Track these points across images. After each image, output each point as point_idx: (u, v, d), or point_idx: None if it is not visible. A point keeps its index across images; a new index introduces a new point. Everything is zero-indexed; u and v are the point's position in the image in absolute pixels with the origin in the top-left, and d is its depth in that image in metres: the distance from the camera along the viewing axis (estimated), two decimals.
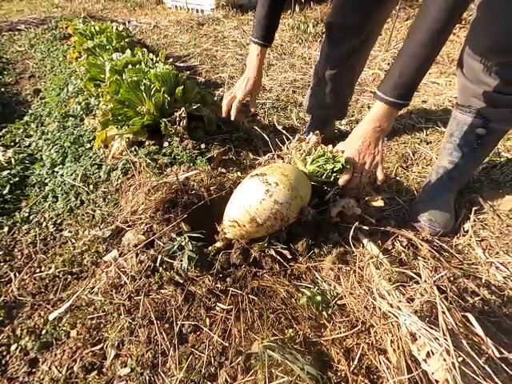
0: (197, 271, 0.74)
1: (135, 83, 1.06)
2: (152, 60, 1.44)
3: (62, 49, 2.22)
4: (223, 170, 0.98)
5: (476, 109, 0.86)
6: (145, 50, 1.52)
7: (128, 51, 1.46)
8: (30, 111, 1.59)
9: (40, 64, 2.23)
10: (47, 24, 2.98)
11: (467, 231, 0.95)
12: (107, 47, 1.66)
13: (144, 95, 1.06)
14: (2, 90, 1.88)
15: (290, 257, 0.77)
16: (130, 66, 1.22)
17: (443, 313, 0.50)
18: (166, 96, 1.08)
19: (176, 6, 4.40)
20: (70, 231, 0.93)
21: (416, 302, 0.54)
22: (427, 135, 1.35)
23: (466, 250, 0.90)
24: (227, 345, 0.61)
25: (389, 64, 2.15)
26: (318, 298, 0.65)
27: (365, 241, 0.78)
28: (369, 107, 1.62)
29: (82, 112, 1.32)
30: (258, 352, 0.58)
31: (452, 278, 0.74)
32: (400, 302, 0.54)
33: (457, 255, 0.87)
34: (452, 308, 0.55)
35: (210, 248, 0.77)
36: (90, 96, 1.37)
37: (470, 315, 0.53)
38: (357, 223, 0.78)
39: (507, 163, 1.16)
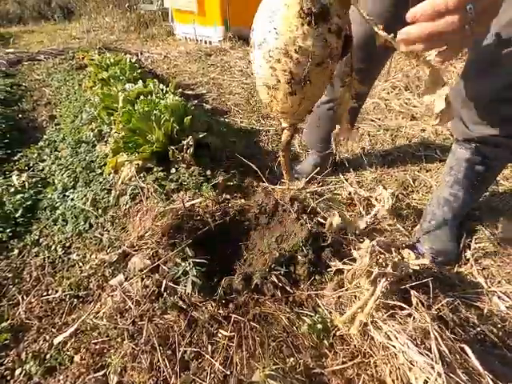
0: (200, 296, 0.76)
1: (146, 113, 1.13)
2: (162, 90, 1.53)
3: (77, 78, 2.35)
4: (227, 197, 1.02)
5: (475, 146, 0.89)
6: (156, 80, 1.61)
7: (140, 82, 1.55)
8: (45, 137, 1.67)
9: (56, 92, 2.36)
10: (65, 54, 3.18)
11: (468, 259, 0.95)
12: (121, 78, 1.76)
13: (154, 125, 1.12)
14: (20, 116, 1.99)
15: (291, 283, 0.78)
16: (141, 97, 1.29)
17: (436, 339, 0.51)
18: (174, 125, 1.14)
19: (186, 38, 4.66)
20: (78, 254, 0.95)
21: (410, 330, 0.54)
22: (426, 163, 1.38)
23: (467, 278, 0.90)
24: (229, 373, 0.62)
25: (388, 93, 2.25)
26: (319, 326, 0.66)
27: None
28: (369, 135, 1.67)
29: (94, 139, 1.39)
30: (259, 381, 0.58)
31: (453, 308, 0.74)
32: (395, 330, 0.55)
33: (459, 284, 0.87)
34: (446, 336, 0.55)
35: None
36: (103, 124, 1.44)
37: (466, 346, 0.53)
38: (359, 250, 0.80)
39: (506, 191, 1.19)
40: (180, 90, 1.63)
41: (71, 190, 1.18)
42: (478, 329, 0.71)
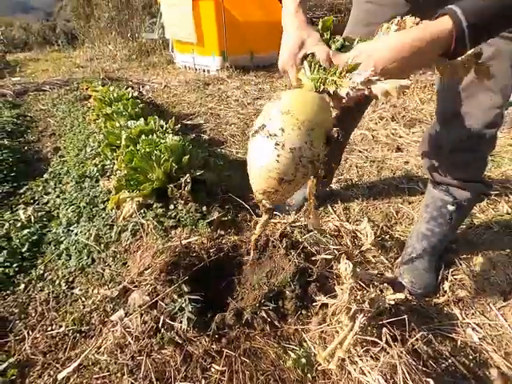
0: (195, 332, 0.82)
1: (147, 154, 1.23)
2: (162, 127, 1.64)
3: (81, 110, 2.48)
4: (222, 233, 1.09)
5: (445, 188, 0.99)
6: (156, 117, 1.72)
7: (142, 120, 1.67)
8: (50, 169, 1.76)
9: (61, 123, 2.48)
10: (69, 85, 3.34)
11: (446, 291, 1.02)
12: (123, 113, 1.88)
13: (155, 164, 1.21)
14: (26, 148, 2.09)
15: (279, 318, 0.84)
16: (143, 136, 1.39)
17: (403, 374, 0.57)
18: (173, 164, 1.24)
19: (185, 66, 4.90)
20: (80, 289, 1.01)
21: (381, 365, 0.61)
22: (409, 195, 1.48)
23: (444, 310, 0.97)
24: None
25: (376, 124, 2.38)
26: (303, 360, 0.72)
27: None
28: (357, 166, 1.78)
29: (97, 174, 1.48)
30: None
31: (428, 340, 0.81)
32: (369, 365, 0.61)
33: (435, 316, 0.94)
34: (416, 370, 0.62)
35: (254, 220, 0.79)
36: (106, 159, 1.54)
37: (431, 381, 0.60)
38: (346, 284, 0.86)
39: (482, 224, 1.27)
40: (179, 125, 1.74)
41: (75, 225, 1.25)
42: (450, 361, 0.77)
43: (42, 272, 1.09)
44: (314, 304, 0.89)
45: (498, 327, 0.91)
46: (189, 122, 2.60)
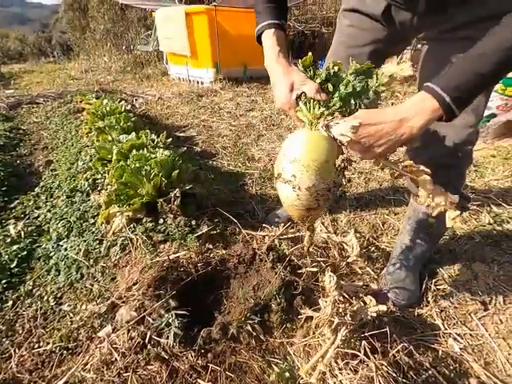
0: (181, 347, 0.83)
1: (137, 169, 1.25)
2: (153, 141, 1.67)
3: (75, 123, 2.50)
4: (210, 246, 1.11)
5: None
6: (148, 131, 1.75)
7: (133, 134, 1.69)
8: (42, 183, 1.77)
9: (54, 136, 2.50)
10: (63, 98, 3.37)
11: (429, 301, 1.05)
12: (116, 127, 1.91)
13: (144, 179, 1.24)
14: (18, 161, 2.10)
15: (265, 331, 0.86)
16: (134, 151, 1.42)
17: None
18: (163, 179, 1.26)
19: (179, 78, 4.97)
20: (69, 305, 1.02)
21: (360, 378, 0.63)
22: (395, 206, 1.52)
23: (427, 320, 0.99)
24: None
25: None
26: (287, 374, 0.73)
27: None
28: (345, 178, 1.82)
29: (88, 188, 1.50)
30: None
31: (409, 352, 0.82)
32: (349, 378, 0.63)
33: (418, 326, 0.96)
34: (396, 381, 0.63)
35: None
36: (97, 173, 1.56)
37: None
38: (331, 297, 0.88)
39: (464, 234, 1.31)
40: (170, 139, 1.77)
41: (65, 240, 1.26)
42: (430, 372, 0.79)
43: (30, 288, 1.09)
44: (299, 317, 0.90)
45: (478, 337, 0.93)
46: (181, 134, 2.63)
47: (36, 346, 0.90)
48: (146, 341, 0.83)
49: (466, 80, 0.60)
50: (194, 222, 1.22)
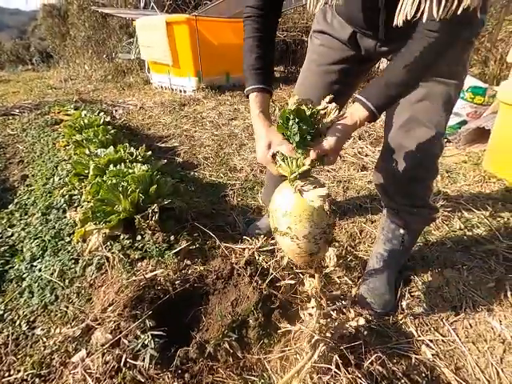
0: (157, 368, 0.82)
1: (114, 185, 1.24)
2: (132, 155, 1.65)
3: (52, 136, 2.44)
4: (188, 262, 1.11)
5: (396, 212, 1.06)
6: (127, 144, 1.74)
7: (111, 148, 1.67)
8: (16, 200, 1.71)
9: (30, 149, 2.43)
10: (41, 109, 3.28)
11: (404, 309, 1.08)
12: (94, 140, 1.88)
13: (121, 196, 1.22)
14: None
15: (243, 348, 0.86)
16: (111, 166, 1.40)
17: None
18: (140, 195, 1.25)
19: (162, 87, 4.95)
20: (42, 329, 0.99)
21: None
22: (372, 214, 1.56)
23: (402, 328, 1.02)
24: None
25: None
26: None
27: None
28: None
29: (65, 204, 1.47)
30: None
31: (383, 361, 0.85)
32: None
33: (393, 334, 0.99)
34: None
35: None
36: (74, 189, 1.53)
37: None
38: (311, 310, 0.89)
39: (437, 240, 1.36)
40: (150, 152, 1.76)
41: (39, 260, 1.22)
42: (403, 380, 0.81)
43: (1, 312, 1.06)
44: (277, 331, 0.91)
45: (450, 342, 0.97)
46: (163, 145, 2.62)
47: (6, 374, 0.87)
48: (122, 364, 0.82)
49: (386, 94, 0.75)
50: (172, 238, 1.21)
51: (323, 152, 0.74)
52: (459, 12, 0.56)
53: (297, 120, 0.73)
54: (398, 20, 0.61)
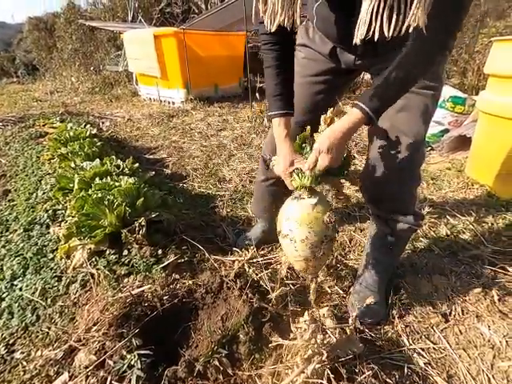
0: None
1: (99, 199, 1.21)
2: (119, 167, 1.63)
3: (36, 149, 2.39)
4: (177, 277, 1.08)
5: (384, 220, 1.07)
6: (113, 157, 1.72)
7: (97, 160, 1.65)
8: None
9: (13, 162, 2.37)
10: (25, 122, 3.22)
11: (395, 318, 1.07)
12: (79, 153, 1.85)
13: (107, 210, 1.20)
14: None
15: (233, 364, 0.84)
16: (97, 179, 1.38)
17: None
18: (127, 209, 1.23)
19: (150, 98, 4.94)
20: (22, 352, 0.94)
21: None
22: (361, 223, 1.57)
23: (393, 337, 1.01)
24: None
25: None
26: None
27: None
28: None
29: (48, 220, 1.42)
30: None
31: (375, 373, 0.84)
32: None
33: (385, 344, 0.98)
34: None
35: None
36: (58, 203, 1.49)
37: None
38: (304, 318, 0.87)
39: (425, 247, 1.38)
40: (137, 164, 1.74)
41: (20, 279, 1.17)
42: None
43: None
44: (268, 345, 0.89)
45: (441, 350, 0.96)
46: (151, 157, 2.60)
47: None
48: None
49: (384, 99, 0.79)
50: (160, 252, 1.19)
51: (314, 157, 0.81)
52: (410, 30, 0.62)
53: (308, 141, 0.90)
54: (356, 39, 0.67)
